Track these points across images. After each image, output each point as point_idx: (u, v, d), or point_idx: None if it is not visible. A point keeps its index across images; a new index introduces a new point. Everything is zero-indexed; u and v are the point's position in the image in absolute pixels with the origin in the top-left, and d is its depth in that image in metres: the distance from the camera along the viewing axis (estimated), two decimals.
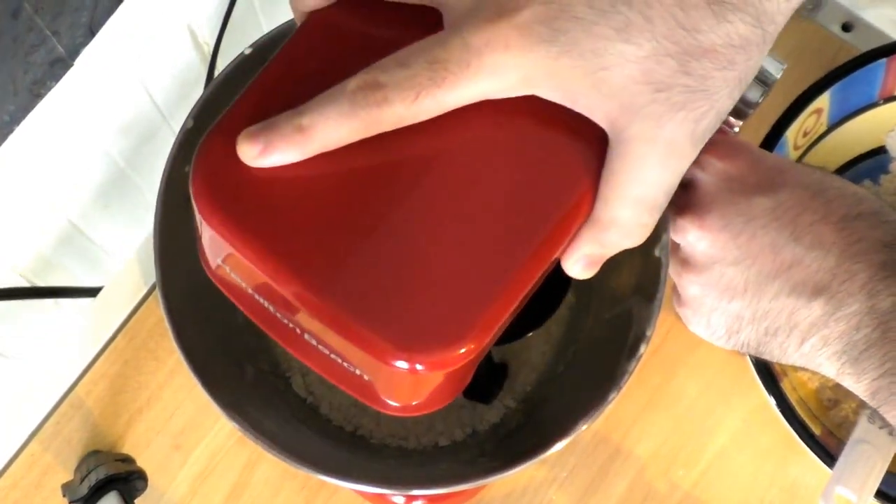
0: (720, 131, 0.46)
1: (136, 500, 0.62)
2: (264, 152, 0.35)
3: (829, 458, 0.60)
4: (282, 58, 0.38)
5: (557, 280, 0.50)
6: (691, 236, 0.44)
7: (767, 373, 0.62)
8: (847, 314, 0.40)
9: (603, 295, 0.58)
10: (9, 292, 0.62)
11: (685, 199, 0.44)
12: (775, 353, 0.43)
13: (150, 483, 0.64)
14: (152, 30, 0.60)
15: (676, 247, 0.45)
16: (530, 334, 0.54)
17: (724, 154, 0.44)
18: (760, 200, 0.42)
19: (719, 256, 0.43)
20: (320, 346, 0.38)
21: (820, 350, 0.41)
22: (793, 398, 0.62)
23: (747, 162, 0.43)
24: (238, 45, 0.63)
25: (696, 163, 0.43)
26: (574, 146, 0.37)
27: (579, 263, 0.38)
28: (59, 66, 0.52)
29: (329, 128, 0.35)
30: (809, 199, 0.41)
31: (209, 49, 0.67)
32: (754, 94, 0.48)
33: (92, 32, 0.53)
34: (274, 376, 0.60)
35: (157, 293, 0.48)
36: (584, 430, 0.47)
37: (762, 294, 0.42)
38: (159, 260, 0.48)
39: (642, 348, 0.48)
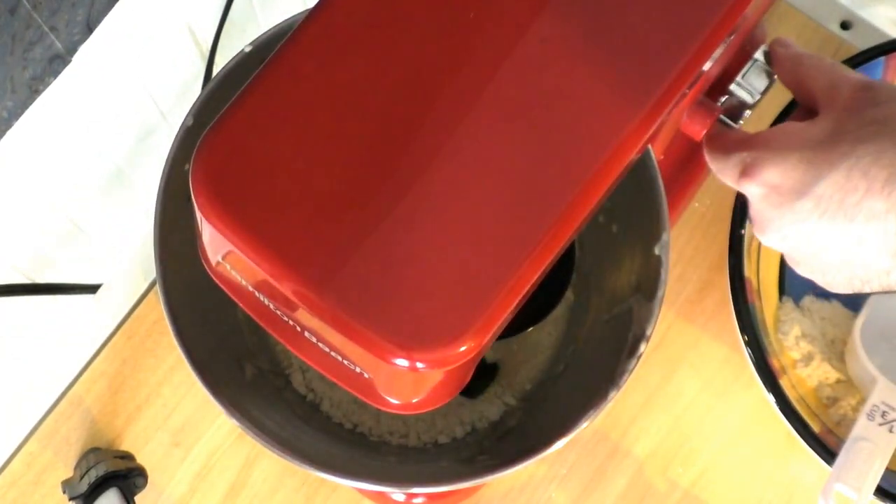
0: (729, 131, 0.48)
1: (135, 497, 0.62)
2: None
3: (828, 455, 0.60)
4: (281, 57, 0.38)
5: (558, 275, 0.50)
6: (772, 247, 0.47)
7: (766, 371, 0.62)
8: None
9: (603, 294, 0.58)
10: (8, 289, 0.62)
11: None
12: None
13: (149, 480, 0.64)
14: (151, 27, 0.60)
15: None
16: (530, 329, 0.54)
17: (753, 173, 0.45)
18: (802, 204, 0.43)
19: (799, 257, 0.46)
20: (320, 344, 0.38)
21: None
22: (792, 396, 0.62)
23: (775, 171, 0.44)
24: (236, 43, 0.63)
25: (742, 186, 0.46)
26: (586, 142, 0.38)
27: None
28: (58, 62, 0.52)
29: None
30: (845, 180, 0.42)
31: (207, 47, 0.67)
32: (759, 83, 0.49)
33: (90, 29, 0.53)
34: (274, 374, 0.60)
35: (158, 291, 0.48)
36: (584, 428, 0.47)
37: (854, 268, 0.44)
38: (159, 258, 0.48)
39: (642, 347, 0.48)
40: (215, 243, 0.38)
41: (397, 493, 0.60)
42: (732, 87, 0.49)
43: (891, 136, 0.42)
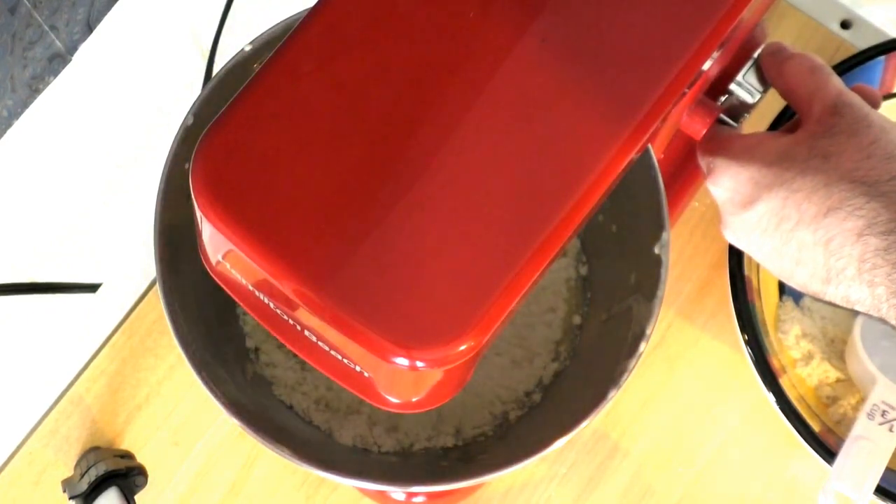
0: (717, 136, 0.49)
1: (135, 497, 0.62)
2: None
3: (828, 455, 0.60)
4: (281, 56, 0.38)
5: None
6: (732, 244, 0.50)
7: (766, 370, 0.62)
8: (861, 299, 0.42)
9: (602, 294, 0.58)
10: (8, 288, 0.62)
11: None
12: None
13: (149, 479, 0.64)
14: (151, 27, 0.60)
15: None
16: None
17: (713, 178, 0.47)
18: (747, 216, 0.46)
19: (755, 258, 0.48)
20: (320, 343, 0.38)
21: (871, 311, 0.43)
22: (792, 395, 0.62)
23: (730, 182, 0.46)
24: (236, 43, 0.63)
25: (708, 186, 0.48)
26: (586, 141, 0.38)
27: None
28: (58, 61, 0.52)
29: None
30: (781, 207, 0.44)
31: (207, 47, 0.67)
32: (759, 83, 0.49)
33: (90, 28, 0.53)
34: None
35: (158, 290, 0.48)
36: (584, 428, 0.47)
37: (797, 281, 0.46)
38: (159, 257, 0.48)
39: (642, 346, 0.48)
40: (215, 242, 0.38)
41: (397, 493, 0.60)
42: (732, 86, 0.49)
43: (828, 173, 0.43)
